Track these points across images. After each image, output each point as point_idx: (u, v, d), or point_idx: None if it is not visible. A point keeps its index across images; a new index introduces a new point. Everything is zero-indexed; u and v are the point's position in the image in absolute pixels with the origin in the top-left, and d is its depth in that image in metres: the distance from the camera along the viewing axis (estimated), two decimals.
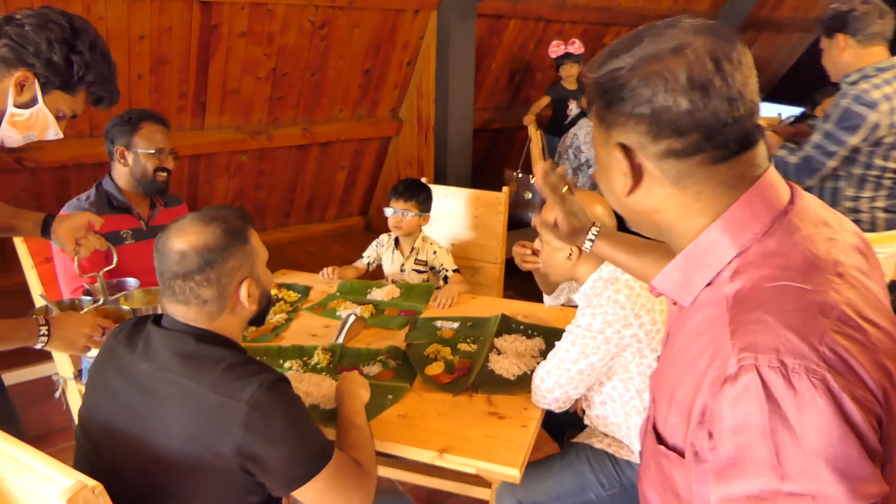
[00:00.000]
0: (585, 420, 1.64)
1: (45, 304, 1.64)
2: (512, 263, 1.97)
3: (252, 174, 4.16)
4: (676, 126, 0.68)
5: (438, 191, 2.70)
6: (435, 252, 2.42)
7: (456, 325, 1.94)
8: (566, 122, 4.48)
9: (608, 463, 1.52)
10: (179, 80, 3.43)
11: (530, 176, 3.81)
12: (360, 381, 1.46)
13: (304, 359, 1.73)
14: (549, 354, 1.50)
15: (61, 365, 1.91)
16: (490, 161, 5.42)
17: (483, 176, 5.17)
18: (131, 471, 1.09)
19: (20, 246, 1.92)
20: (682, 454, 0.72)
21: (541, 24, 4.80)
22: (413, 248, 2.42)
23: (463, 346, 1.77)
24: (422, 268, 2.43)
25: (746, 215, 0.71)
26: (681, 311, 0.79)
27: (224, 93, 3.66)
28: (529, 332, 1.85)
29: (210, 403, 1.04)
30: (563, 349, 1.46)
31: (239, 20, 3.39)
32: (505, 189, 2.63)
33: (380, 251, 2.51)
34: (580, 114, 4.28)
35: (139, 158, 2.00)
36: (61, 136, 1.40)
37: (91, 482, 0.85)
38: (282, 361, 1.71)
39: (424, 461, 1.38)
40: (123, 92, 1.58)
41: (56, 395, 1.96)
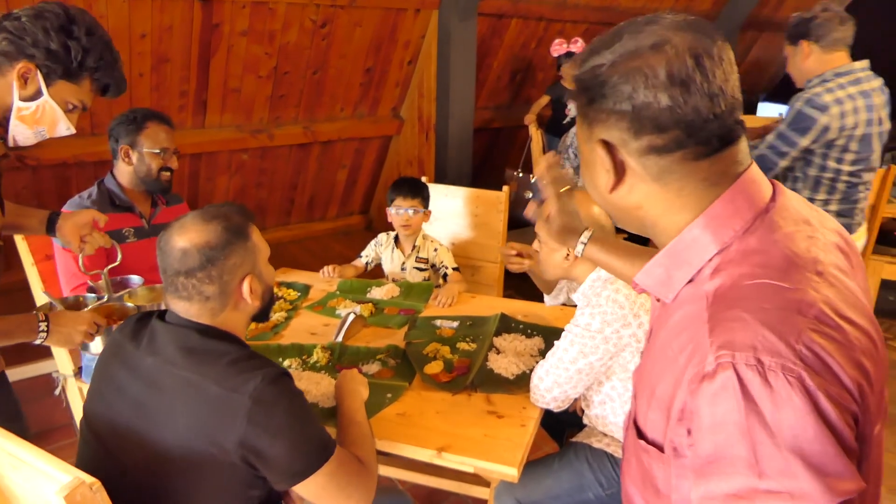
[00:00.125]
0: (584, 419, 1.65)
1: (48, 300, 1.65)
2: None
3: (253, 173, 4.16)
4: (657, 122, 0.68)
5: (439, 190, 2.70)
6: (436, 249, 2.43)
7: (455, 324, 1.94)
8: (565, 121, 4.48)
9: (607, 462, 1.52)
10: (180, 78, 3.44)
11: (531, 175, 3.81)
12: (359, 378, 1.47)
13: (304, 357, 1.73)
14: (548, 354, 1.50)
15: (61, 362, 1.92)
16: (491, 160, 5.42)
17: (483, 175, 5.18)
18: (135, 463, 1.10)
19: (20, 243, 1.93)
20: (661, 449, 0.73)
21: (542, 24, 4.80)
22: (414, 247, 2.43)
23: (462, 345, 1.78)
24: (423, 265, 2.44)
25: (728, 212, 0.71)
26: (663, 307, 0.79)
27: (225, 91, 3.66)
28: (529, 331, 1.85)
29: (213, 396, 1.06)
30: (561, 348, 1.46)
31: (240, 19, 3.39)
32: (505, 188, 2.64)
33: (378, 251, 2.51)
34: None
35: (144, 158, 2.01)
36: (73, 130, 1.40)
37: (89, 479, 0.86)
38: (281, 360, 1.71)
39: (423, 460, 1.38)
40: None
41: (56, 392, 1.97)
